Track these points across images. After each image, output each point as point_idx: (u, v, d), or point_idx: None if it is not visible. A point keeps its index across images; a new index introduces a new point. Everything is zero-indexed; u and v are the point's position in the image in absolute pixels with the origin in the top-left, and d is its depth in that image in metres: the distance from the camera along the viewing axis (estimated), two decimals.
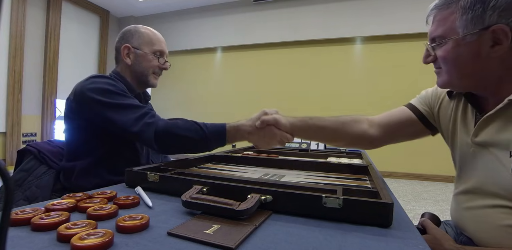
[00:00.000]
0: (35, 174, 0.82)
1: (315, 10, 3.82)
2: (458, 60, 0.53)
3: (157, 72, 0.97)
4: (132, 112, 0.76)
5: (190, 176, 0.57)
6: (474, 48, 0.51)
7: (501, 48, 0.49)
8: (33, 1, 3.58)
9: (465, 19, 0.50)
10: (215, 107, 4.39)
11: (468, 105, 0.63)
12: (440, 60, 0.57)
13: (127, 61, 0.92)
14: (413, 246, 0.34)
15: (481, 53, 0.51)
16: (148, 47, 0.93)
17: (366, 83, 3.66)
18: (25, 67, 3.51)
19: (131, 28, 0.95)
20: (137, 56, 0.93)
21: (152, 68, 0.95)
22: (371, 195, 0.48)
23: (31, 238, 0.34)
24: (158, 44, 0.95)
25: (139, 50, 0.92)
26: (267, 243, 0.34)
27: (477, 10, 0.49)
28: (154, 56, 0.94)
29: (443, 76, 0.58)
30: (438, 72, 0.60)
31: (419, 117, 0.73)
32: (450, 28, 0.53)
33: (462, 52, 0.52)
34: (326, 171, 0.79)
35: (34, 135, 3.73)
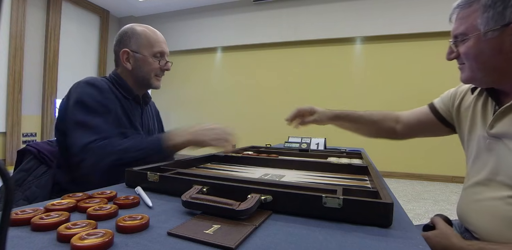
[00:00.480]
0: (35, 174, 0.82)
1: (315, 10, 3.82)
2: (480, 56, 0.55)
3: (159, 74, 0.96)
4: (88, 135, 0.75)
5: (190, 176, 0.57)
6: (495, 44, 0.53)
7: None
8: (33, 1, 3.58)
9: (486, 17, 0.52)
10: (215, 107, 4.40)
11: (488, 99, 0.65)
12: (462, 56, 0.59)
13: (127, 66, 0.91)
14: (413, 246, 0.34)
15: (502, 49, 0.52)
16: (147, 50, 0.91)
17: (366, 83, 3.66)
18: (25, 67, 3.52)
19: (128, 30, 0.92)
20: (137, 61, 0.91)
21: (154, 71, 0.93)
22: (371, 195, 0.48)
23: (31, 238, 0.34)
24: (157, 45, 0.92)
25: (139, 54, 0.90)
26: (267, 243, 0.34)
27: (498, 8, 0.51)
28: (154, 58, 0.92)
29: (466, 72, 0.60)
30: (462, 68, 0.62)
31: (437, 117, 0.78)
32: (471, 26, 0.55)
33: (483, 48, 0.54)
34: (326, 171, 0.79)
35: (34, 135, 3.73)
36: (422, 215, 2.10)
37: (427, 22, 3.25)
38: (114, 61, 0.95)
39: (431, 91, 3.14)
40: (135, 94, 0.93)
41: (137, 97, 0.95)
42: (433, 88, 2.75)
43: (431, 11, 3.24)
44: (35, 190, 0.81)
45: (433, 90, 2.75)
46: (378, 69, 3.60)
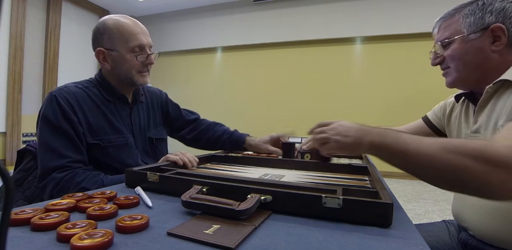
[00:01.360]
0: (35, 174, 0.81)
1: (315, 10, 3.82)
2: (465, 56, 0.61)
3: (142, 70, 0.86)
4: (51, 159, 0.73)
5: (190, 176, 0.57)
6: (477, 45, 0.60)
7: (500, 43, 0.59)
8: (33, 1, 3.58)
9: (469, 22, 0.61)
10: (215, 107, 4.39)
11: (469, 104, 0.71)
12: (448, 59, 0.64)
13: (106, 67, 0.84)
14: (413, 246, 0.34)
15: (483, 49, 0.59)
16: (122, 45, 0.81)
17: (366, 83, 3.66)
18: (25, 67, 3.52)
19: (99, 26, 0.83)
20: (114, 59, 0.83)
21: (135, 68, 0.84)
22: (371, 195, 0.48)
23: (31, 238, 0.34)
24: (133, 39, 0.81)
25: (114, 52, 0.82)
26: (267, 243, 0.34)
27: (478, 14, 0.60)
28: (132, 54, 0.82)
29: (452, 75, 0.65)
30: (447, 72, 0.67)
31: (431, 127, 0.87)
32: (455, 30, 0.63)
33: (468, 48, 0.61)
34: (326, 171, 0.79)
35: (34, 135, 3.73)
36: (422, 215, 2.10)
37: (427, 22, 3.23)
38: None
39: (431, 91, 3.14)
40: (119, 95, 0.88)
41: (122, 97, 0.89)
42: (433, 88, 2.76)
43: (431, 11, 3.24)
44: (34, 190, 0.81)
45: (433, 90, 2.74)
46: (378, 69, 3.60)
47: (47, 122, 0.76)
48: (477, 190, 0.41)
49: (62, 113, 0.77)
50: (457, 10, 0.63)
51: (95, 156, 0.81)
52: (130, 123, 0.92)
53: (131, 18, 0.85)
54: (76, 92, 0.82)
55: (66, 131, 0.76)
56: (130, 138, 0.88)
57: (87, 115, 0.81)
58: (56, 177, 0.71)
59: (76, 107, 0.79)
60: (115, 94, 0.88)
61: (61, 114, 0.77)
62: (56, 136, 0.75)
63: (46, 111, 0.77)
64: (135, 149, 0.90)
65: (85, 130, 0.80)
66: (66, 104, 0.78)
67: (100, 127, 0.82)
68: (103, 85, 0.87)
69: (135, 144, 0.91)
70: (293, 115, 3.91)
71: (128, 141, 0.87)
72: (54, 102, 0.78)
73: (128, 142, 0.87)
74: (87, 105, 0.82)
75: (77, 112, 0.79)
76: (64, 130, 0.76)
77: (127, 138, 0.87)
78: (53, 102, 0.78)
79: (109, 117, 0.85)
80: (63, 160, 0.73)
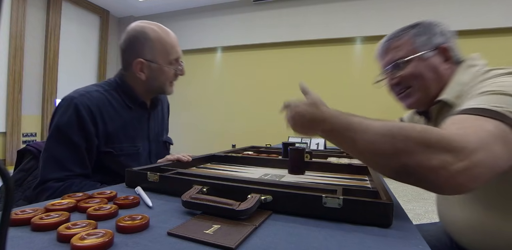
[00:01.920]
0: (35, 174, 0.81)
1: (315, 10, 3.82)
2: (427, 73, 0.63)
3: (173, 80, 0.89)
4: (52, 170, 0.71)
5: (190, 176, 0.57)
6: (434, 62, 0.63)
7: (450, 62, 0.63)
8: (33, 1, 3.59)
9: (420, 41, 0.64)
10: (215, 107, 4.40)
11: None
12: (409, 78, 0.64)
13: (141, 77, 0.83)
14: (413, 246, 0.34)
15: (439, 66, 0.63)
16: (163, 58, 0.82)
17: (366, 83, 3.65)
18: (25, 67, 3.52)
19: (139, 35, 0.81)
20: (152, 71, 0.83)
21: (170, 79, 0.86)
22: (371, 195, 0.48)
23: (31, 238, 0.34)
24: (173, 52, 0.84)
25: (154, 64, 0.82)
26: (267, 243, 0.34)
27: (427, 35, 0.64)
28: (170, 66, 0.84)
29: (414, 95, 0.66)
30: (408, 93, 0.67)
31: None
32: (410, 50, 0.64)
33: (427, 66, 0.63)
34: (326, 171, 0.79)
35: (34, 135, 3.73)
36: (422, 215, 2.10)
37: None
38: (122, 64, 0.86)
39: None
40: (140, 101, 0.87)
41: (143, 104, 0.88)
42: None
43: (431, 11, 3.24)
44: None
45: None
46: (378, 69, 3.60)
47: (59, 131, 0.73)
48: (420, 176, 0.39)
49: (79, 124, 0.73)
50: (403, 32, 0.66)
51: (105, 163, 0.79)
52: (147, 128, 0.91)
53: (166, 29, 0.85)
54: (99, 99, 0.79)
55: (76, 143, 0.73)
56: (141, 147, 0.86)
57: (107, 124, 0.78)
58: (53, 187, 0.70)
59: (98, 116, 0.76)
60: (137, 101, 0.86)
61: (77, 124, 0.73)
62: (65, 147, 0.73)
63: (61, 119, 0.73)
64: (146, 158, 0.90)
65: (101, 139, 0.77)
66: (87, 114, 0.75)
67: (116, 135, 0.80)
68: (125, 91, 0.85)
69: (150, 148, 0.91)
70: None
71: (140, 150, 0.86)
72: (72, 110, 0.74)
73: (139, 151, 0.86)
74: (108, 113, 0.79)
75: (97, 122, 0.76)
76: (74, 142, 0.73)
77: (139, 147, 0.86)
78: (70, 110, 0.74)
79: (127, 124, 0.84)
80: (65, 172, 0.72)
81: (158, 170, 0.66)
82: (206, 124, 4.39)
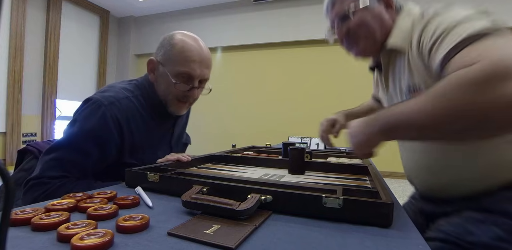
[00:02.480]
0: None
1: (315, 10, 3.82)
2: (372, 22, 0.65)
3: (182, 100, 0.79)
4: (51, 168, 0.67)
5: (190, 176, 0.57)
6: (378, 11, 0.65)
7: (392, 9, 0.66)
8: (33, 1, 3.59)
9: None
10: (215, 107, 4.39)
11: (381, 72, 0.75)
12: (356, 28, 0.67)
13: (151, 77, 0.79)
14: (413, 246, 0.34)
15: (383, 14, 0.65)
16: (171, 66, 0.75)
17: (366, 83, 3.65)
18: (25, 67, 3.52)
19: (168, 37, 0.77)
20: (159, 74, 0.77)
21: (173, 94, 0.77)
22: (371, 195, 0.48)
23: (31, 238, 0.34)
24: (185, 65, 0.74)
25: (162, 68, 0.76)
26: (267, 243, 0.34)
27: None
28: (175, 79, 0.74)
29: (361, 43, 0.68)
30: (353, 43, 0.69)
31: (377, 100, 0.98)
32: (355, 1, 0.66)
33: (372, 15, 0.65)
34: (326, 171, 0.79)
35: (34, 135, 3.73)
36: None
37: None
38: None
39: None
40: (165, 112, 0.82)
41: (164, 115, 0.83)
42: None
43: None
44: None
45: None
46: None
47: (77, 135, 0.70)
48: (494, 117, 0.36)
49: (100, 134, 0.70)
50: None
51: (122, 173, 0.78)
52: (171, 136, 0.89)
53: (201, 44, 0.78)
54: (128, 109, 0.75)
55: (88, 152, 0.70)
56: (161, 154, 0.82)
57: (134, 135, 0.75)
58: (49, 182, 0.67)
59: (125, 128, 0.73)
60: (162, 109, 0.81)
61: (98, 134, 0.70)
62: (75, 152, 0.69)
63: (83, 124, 0.69)
64: None
65: (126, 151, 0.74)
66: (114, 126, 0.71)
67: (141, 146, 0.78)
68: (151, 97, 0.80)
69: (170, 152, 0.88)
70: (293, 115, 3.91)
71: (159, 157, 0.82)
72: (98, 118, 0.70)
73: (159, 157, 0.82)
74: (136, 123, 0.76)
75: (124, 134, 0.73)
76: (87, 150, 0.69)
77: (159, 155, 0.82)
78: (96, 117, 0.70)
79: (152, 134, 0.81)
80: (64, 173, 0.69)
81: (158, 170, 0.66)
82: (206, 124, 4.38)
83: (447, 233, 0.57)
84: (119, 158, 0.75)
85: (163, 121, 0.85)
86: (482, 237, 0.53)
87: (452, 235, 0.56)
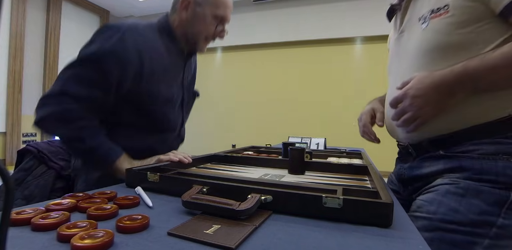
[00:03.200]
0: (34, 174, 0.82)
1: (315, 10, 3.82)
2: None
3: (209, 39, 0.87)
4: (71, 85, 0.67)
5: (190, 176, 0.57)
6: None
7: None
8: (33, 1, 3.58)
9: None
10: (215, 107, 4.39)
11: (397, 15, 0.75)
12: None
13: (182, 15, 0.82)
14: (413, 246, 0.34)
15: None
16: (211, 8, 0.80)
17: (366, 83, 3.65)
18: (25, 67, 3.51)
19: None
20: (195, 14, 0.81)
21: (206, 33, 0.84)
22: (371, 195, 0.48)
23: (31, 238, 0.34)
24: (223, 8, 0.82)
25: (200, 8, 0.80)
26: (267, 243, 0.34)
27: None
28: (213, 20, 0.82)
29: None
30: None
31: None
32: None
33: None
34: (326, 171, 0.79)
35: (34, 135, 3.73)
36: None
37: None
38: (172, 5, 0.86)
39: None
40: (179, 47, 0.86)
41: (180, 53, 0.87)
42: None
43: None
44: (33, 190, 0.80)
45: None
46: (379, 69, 3.60)
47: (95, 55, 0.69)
48: None
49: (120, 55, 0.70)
50: None
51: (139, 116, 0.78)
52: (182, 76, 0.91)
53: None
54: (147, 37, 0.77)
55: (109, 72, 0.69)
56: (175, 95, 0.86)
57: (152, 63, 0.77)
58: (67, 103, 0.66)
59: (144, 52, 0.74)
60: (177, 45, 0.85)
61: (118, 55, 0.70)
62: (94, 69, 0.69)
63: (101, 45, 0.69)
64: (179, 108, 0.90)
65: (144, 76, 0.75)
66: (134, 47, 0.72)
67: (157, 77, 0.79)
68: (168, 33, 0.84)
69: (183, 96, 0.91)
70: (293, 115, 3.91)
71: (174, 97, 0.85)
72: (118, 39, 0.70)
73: (174, 99, 0.85)
74: (154, 50, 0.78)
75: (143, 58, 0.74)
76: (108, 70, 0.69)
77: (173, 94, 0.85)
78: (114, 38, 0.70)
79: (167, 67, 0.82)
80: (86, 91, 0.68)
81: (158, 170, 0.66)
82: (206, 124, 4.38)
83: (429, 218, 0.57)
84: (134, 86, 0.75)
85: (175, 60, 0.87)
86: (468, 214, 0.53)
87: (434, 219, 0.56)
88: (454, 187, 0.57)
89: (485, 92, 0.55)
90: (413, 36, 0.66)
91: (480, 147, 0.57)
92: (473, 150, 0.57)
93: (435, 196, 0.59)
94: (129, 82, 0.74)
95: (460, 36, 0.56)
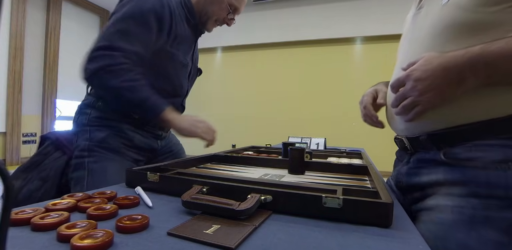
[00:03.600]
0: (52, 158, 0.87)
1: (315, 10, 3.82)
2: None
3: (219, 22, 0.97)
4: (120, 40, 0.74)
5: (190, 176, 0.57)
6: None
7: None
8: (33, 1, 3.58)
9: None
10: (215, 107, 4.39)
11: None
12: None
13: None
14: (413, 246, 0.34)
15: None
16: None
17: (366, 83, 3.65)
18: (25, 67, 3.51)
19: None
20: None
21: (217, 16, 0.94)
22: (371, 195, 0.48)
23: (31, 238, 0.34)
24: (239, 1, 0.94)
25: None
26: (267, 243, 0.34)
27: None
28: (227, 7, 0.93)
29: None
30: None
31: None
32: None
33: None
34: (326, 171, 0.79)
35: (34, 135, 3.72)
36: None
37: None
38: None
39: None
40: (196, 22, 0.94)
41: (195, 26, 0.95)
42: None
43: None
44: (49, 172, 0.86)
45: None
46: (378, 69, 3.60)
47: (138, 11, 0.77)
48: None
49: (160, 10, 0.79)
50: None
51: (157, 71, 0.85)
52: (193, 50, 1.00)
53: None
54: (176, 4, 0.87)
55: (151, 27, 0.78)
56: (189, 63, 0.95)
57: (178, 26, 0.86)
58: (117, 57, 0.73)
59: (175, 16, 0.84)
60: (194, 19, 0.93)
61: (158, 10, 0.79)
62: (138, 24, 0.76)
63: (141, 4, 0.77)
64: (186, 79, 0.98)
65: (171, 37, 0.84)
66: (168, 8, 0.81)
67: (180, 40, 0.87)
68: (188, 7, 0.92)
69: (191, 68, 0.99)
70: (293, 114, 3.91)
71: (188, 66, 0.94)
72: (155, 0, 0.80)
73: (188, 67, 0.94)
74: (180, 17, 0.87)
75: (173, 20, 0.83)
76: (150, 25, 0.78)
77: (188, 61, 0.94)
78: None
79: (184, 37, 0.90)
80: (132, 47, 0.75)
81: (158, 169, 0.66)
82: None
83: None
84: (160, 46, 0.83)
85: (190, 33, 0.94)
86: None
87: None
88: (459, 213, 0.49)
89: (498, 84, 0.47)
90: (431, 12, 0.58)
91: (485, 153, 0.48)
92: (478, 157, 0.49)
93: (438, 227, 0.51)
94: (161, 42, 0.82)
95: (485, 14, 0.48)
